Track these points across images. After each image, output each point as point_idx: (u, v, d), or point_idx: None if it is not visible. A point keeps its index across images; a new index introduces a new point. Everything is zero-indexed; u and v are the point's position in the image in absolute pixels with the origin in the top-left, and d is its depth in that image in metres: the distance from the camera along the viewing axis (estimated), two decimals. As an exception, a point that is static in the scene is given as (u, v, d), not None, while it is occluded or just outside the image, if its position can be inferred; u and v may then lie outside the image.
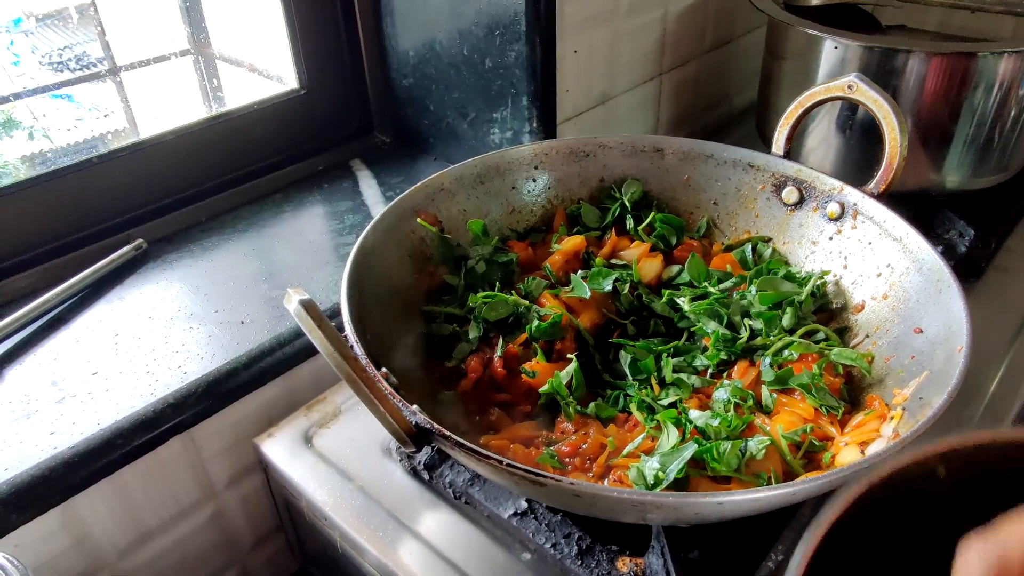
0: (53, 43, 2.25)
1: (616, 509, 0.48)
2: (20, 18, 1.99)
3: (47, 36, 2.17)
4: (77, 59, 2.28)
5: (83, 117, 2.42)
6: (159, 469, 0.74)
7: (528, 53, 0.92)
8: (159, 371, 0.75)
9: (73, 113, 2.43)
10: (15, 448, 0.67)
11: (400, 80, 1.10)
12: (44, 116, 2.23)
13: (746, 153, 0.79)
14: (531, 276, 0.74)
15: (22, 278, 0.87)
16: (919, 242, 0.65)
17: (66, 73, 2.25)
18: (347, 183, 1.08)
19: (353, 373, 0.44)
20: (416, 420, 0.48)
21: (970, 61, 0.88)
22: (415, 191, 0.75)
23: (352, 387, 0.45)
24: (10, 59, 2.19)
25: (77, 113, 2.44)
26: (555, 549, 0.61)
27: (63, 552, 0.70)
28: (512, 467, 0.45)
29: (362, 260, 0.65)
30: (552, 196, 0.83)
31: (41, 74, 2.22)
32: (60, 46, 2.25)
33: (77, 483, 0.68)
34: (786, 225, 0.78)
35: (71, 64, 2.31)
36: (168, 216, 0.99)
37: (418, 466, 0.69)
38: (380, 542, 0.65)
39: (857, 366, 0.63)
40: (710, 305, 0.69)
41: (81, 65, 2.28)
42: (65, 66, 2.34)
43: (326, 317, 0.46)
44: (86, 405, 0.71)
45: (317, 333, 0.44)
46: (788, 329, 0.67)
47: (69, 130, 2.24)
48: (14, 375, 0.75)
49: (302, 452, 0.74)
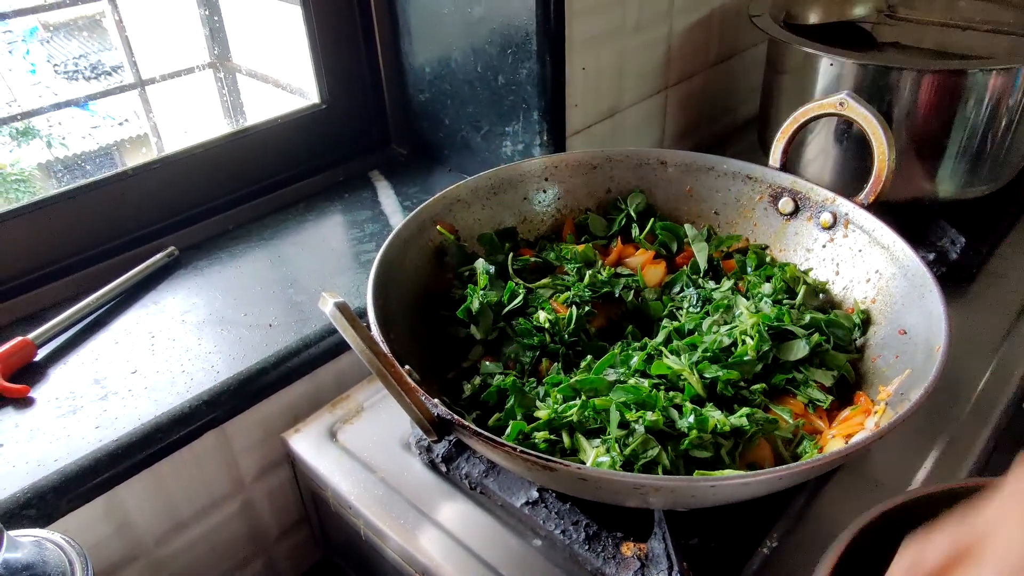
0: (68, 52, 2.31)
1: (620, 492, 0.52)
2: (36, 27, 2.06)
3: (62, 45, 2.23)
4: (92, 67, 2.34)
5: (98, 125, 2.48)
6: (194, 462, 0.79)
7: (539, 70, 0.97)
8: (193, 370, 0.80)
9: (88, 121, 2.49)
10: (63, 441, 0.72)
11: (417, 95, 1.16)
12: (59, 124, 2.29)
13: (744, 165, 0.84)
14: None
15: (64, 284, 0.92)
16: (905, 249, 0.69)
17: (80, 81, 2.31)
18: (366, 193, 1.13)
19: (384, 368, 0.49)
20: (438, 412, 0.53)
21: (960, 78, 0.93)
22: (433, 202, 0.80)
23: (382, 381, 0.50)
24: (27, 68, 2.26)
25: (92, 121, 2.50)
26: (564, 535, 0.65)
27: (106, 538, 0.75)
28: (525, 453, 0.49)
29: (386, 266, 0.70)
30: (561, 206, 0.88)
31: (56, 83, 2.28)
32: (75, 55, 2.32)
33: (120, 474, 0.73)
34: (782, 234, 0.82)
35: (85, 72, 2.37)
36: (198, 225, 1.04)
37: (436, 459, 0.74)
38: (401, 529, 0.70)
39: (841, 371, 0.68)
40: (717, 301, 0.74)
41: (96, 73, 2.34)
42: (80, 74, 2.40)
43: (357, 318, 0.51)
44: (127, 401, 0.77)
45: (351, 332, 0.49)
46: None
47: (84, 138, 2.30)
48: (59, 374, 0.81)
49: (327, 446, 0.79)
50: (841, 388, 0.69)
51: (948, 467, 0.73)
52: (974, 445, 0.75)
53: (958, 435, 0.76)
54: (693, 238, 0.82)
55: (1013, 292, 0.95)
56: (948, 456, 0.74)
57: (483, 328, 0.72)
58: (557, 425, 0.59)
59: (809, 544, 0.66)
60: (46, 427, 0.74)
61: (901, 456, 0.74)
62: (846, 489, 0.71)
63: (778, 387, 0.66)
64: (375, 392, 0.85)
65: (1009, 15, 1.10)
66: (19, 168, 2.20)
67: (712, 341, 0.67)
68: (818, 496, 0.70)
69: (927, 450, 0.74)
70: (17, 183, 2.17)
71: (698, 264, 0.80)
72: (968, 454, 0.75)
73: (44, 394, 0.78)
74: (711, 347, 0.66)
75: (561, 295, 0.75)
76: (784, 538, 0.66)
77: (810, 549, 0.65)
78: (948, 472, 0.72)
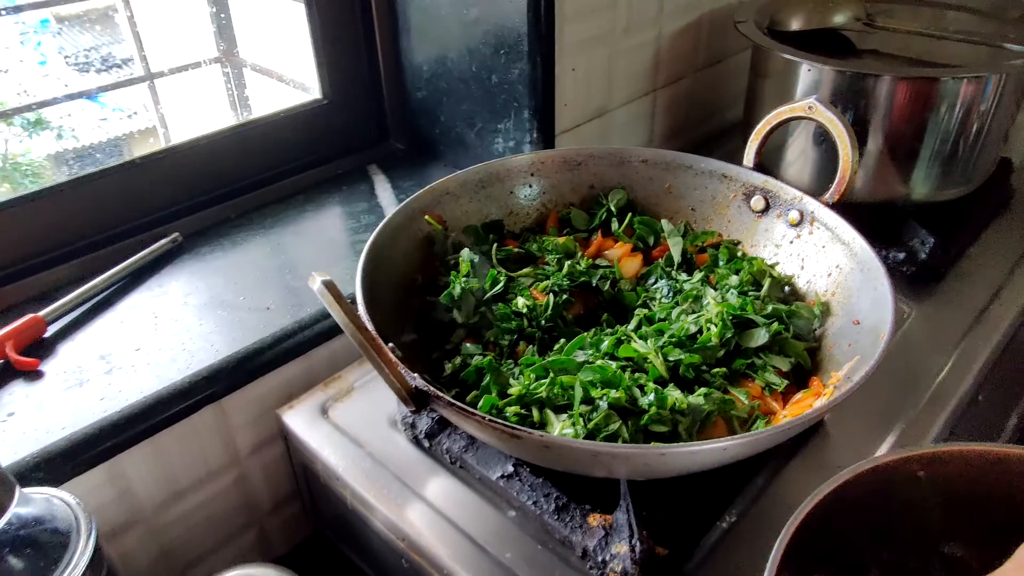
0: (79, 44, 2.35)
1: (580, 460, 0.57)
2: (47, 19, 2.11)
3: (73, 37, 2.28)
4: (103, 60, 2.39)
5: (107, 117, 2.53)
6: (193, 434, 0.84)
7: (529, 71, 1.02)
8: (194, 348, 0.85)
9: (97, 113, 2.54)
10: (70, 411, 0.77)
11: (415, 92, 1.20)
12: (69, 116, 2.34)
13: (720, 165, 0.88)
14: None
15: (72, 266, 0.97)
16: (863, 245, 0.73)
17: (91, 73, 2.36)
18: (364, 186, 1.18)
19: (365, 341, 0.54)
20: (416, 384, 0.57)
21: (933, 85, 0.97)
22: (423, 193, 0.85)
23: (364, 353, 0.54)
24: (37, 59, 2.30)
25: (101, 113, 2.55)
26: (535, 506, 0.70)
27: (108, 503, 0.80)
28: (493, 422, 0.54)
29: (375, 252, 0.75)
30: (546, 200, 0.93)
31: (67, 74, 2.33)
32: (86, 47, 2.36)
33: (123, 443, 0.78)
34: (754, 230, 0.86)
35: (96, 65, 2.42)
36: (202, 213, 1.09)
37: (420, 435, 0.78)
38: (386, 499, 0.74)
39: (798, 358, 0.72)
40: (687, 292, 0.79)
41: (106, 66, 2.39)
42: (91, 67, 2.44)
43: (343, 295, 0.55)
44: (130, 376, 0.81)
45: (336, 308, 0.54)
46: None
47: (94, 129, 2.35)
48: (67, 349, 0.86)
49: (319, 422, 0.84)
50: (800, 375, 0.74)
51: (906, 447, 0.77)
52: (929, 432, 0.79)
53: (914, 422, 0.80)
54: (669, 233, 0.86)
55: (979, 292, 0.99)
56: (903, 441, 0.78)
57: (465, 313, 0.76)
58: (528, 401, 0.64)
59: (766, 520, 0.70)
60: (54, 398, 0.79)
61: (860, 440, 0.78)
62: (805, 471, 0.75)
63: (738, 371, 0.70)
64: (365, 373, 0.89)
65: (983, 25, 1.14)
66: (29, 159, 2.25)
67: (679, 328, 0.71)
68: (777, 477, 0.74)
69: (884, 435, 0.79)
70: (28, 174, 2.22)
71: (672, 257, 0.84)
72: (925, 436, 0.79)
73: (53, 368, 0.83)
74: (677, 333, 0.70)
75: (541, 283, 0.79)
76: (743, 514, 0.71)
77: (767, 524, 0.69)
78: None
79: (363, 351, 0.54)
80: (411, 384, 0.57)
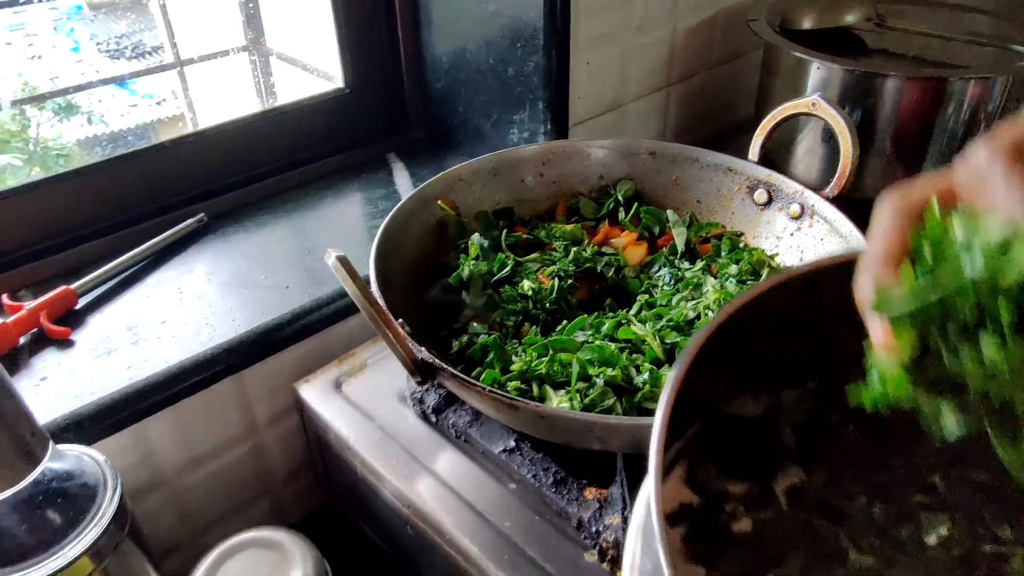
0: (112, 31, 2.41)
1: (573, 431, 0.60)
2: (80, 6, 2.16)
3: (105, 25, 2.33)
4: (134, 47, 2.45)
5: (137, 104, 2.59)
6: (213, 404, 0.88)
7: (545, 64, 1.05)
8: (216, 323, 0.89)
9: (127, 100, 2.60)
10: (99, 378, 0.82)
11: (434, 83, 1.24)
12: (100, 102, 2.40)
13: (725, 158, 0.91)
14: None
15: (104, 242, 1.02)
16: (859, 239, 0.76)
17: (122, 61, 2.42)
18: (383, 174, 1.21)
19: (375, 314, 0.57)
20: (422, 356, 0.61)
21: (940, 85, 0.98)
22: (437, 180, 0.88)
23: (374, 325, 0.58)
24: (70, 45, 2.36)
25: (131, 100, 2.60)
26: (535, 480, 0.73)
27: (132, 466, 0.84)
28: (493, 392, 0.57)
29: (389, 234, 0.78)
30: (556, 190, 0.96)
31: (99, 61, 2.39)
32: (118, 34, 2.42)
33: (147, 409, 0.82)
34: (757, 222, 0.89)
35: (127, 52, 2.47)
36: (227, 195, 1.13)
37: (427, 410, 0.82)
38: (393, 469, 0.78)
39: None
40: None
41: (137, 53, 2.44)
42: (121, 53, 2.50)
43: (355, 270, 0.59)
44: (155, 347, 0.86)
45: (348, 281, 0.57)
46: None
47: (123, 116, 2.40)
48: (97, 320, 0.90)
49: (333, 396, 0.88)
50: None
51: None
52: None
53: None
54: (674, 223, 0.89)
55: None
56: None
57: (473, 294, 0.80)
58: (529, 377, 0.67)
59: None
60: (84, 365, 0.83)
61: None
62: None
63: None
64: (378, 351, 0.93)
65: (994, 27, 1.15)
66: (60, 143, 2.32)
67: (678, 313, 0.74)
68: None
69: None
70: (58, 157, 2.29)
71: (676, 246, 0.87)
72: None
73: (83, 337, 0.88)
74: (675, 318, 0.73)
75: (547, 268, 0.82)
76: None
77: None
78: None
79: (373, 323, 0.58)
80: (417, 356, 0.61)
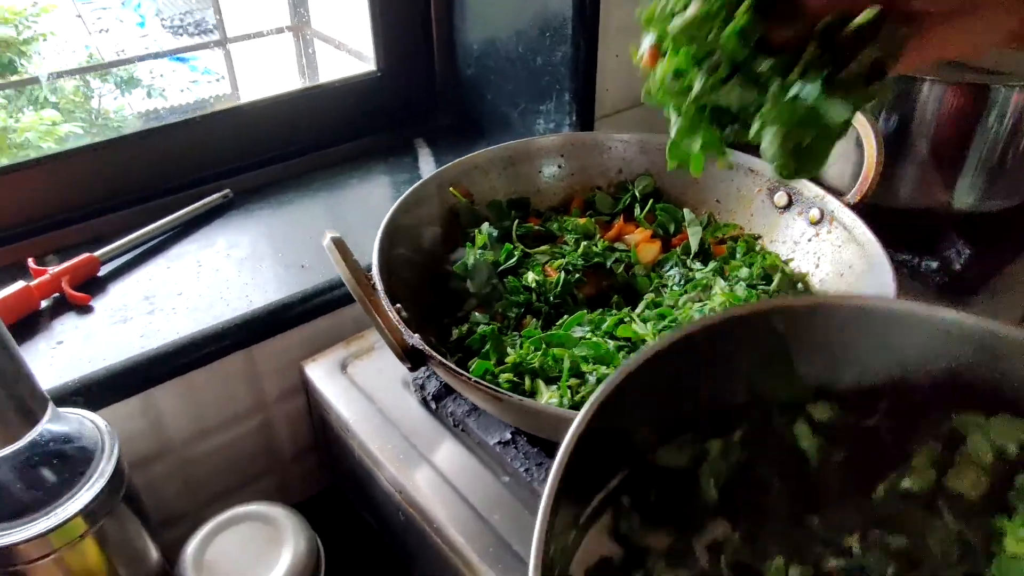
0: (175, 7, 2.47)
1: (555, 426, 0.59)
2: (147, -18, 2.20)
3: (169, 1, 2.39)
4: (196, 24, 2.50)
5: (197, 80, 2.65)
6: (223, 377, 0.90)
7: (572, 54, 1.03)
8: (230, 297, 0.91)
9: (188, 76, 2.66)
10: (113, 344, 0.84)
11: (464, 69, 1.23)
12: (161, 77, 2.46)
13: (747, 158, 0.89)
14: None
15: (130, 213, 1.04)
16: (876, 249, 0.73)
17: (185, 38, 2.47)
18: (408, 159, 1.22)
19: (364, 296, 0.57)
20: (412, 342, 0.61)
21: (983, 92, 0.94)
22: (452, 166, 0.88)
23: (363, 308, 0.58)
24: (136, 20, 2.43)
25: (191, 76, 2.67)
26: (527, 474, 0.73)
27: (141, 432, 0.86)
28: (479, 383, 0.57)
29: (398, 218, 0.78)
30: (574, 182, 0.95)
31: (164, 37, 2.45)
32: (182, 11, 2.47)
33: (157, 377, 0.84)
34: (775, 226, 0.87)
35: (190, 29, 2.53)
36: (254, 172, 1.14)
37: (428, 397, 0.82)
38: (389, 453, 0.78)
39: None
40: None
41: (200, 30, 2.50)
42: (185, 30, 2.56)
43: (350, 251, 0.59)
44: (170, 317, 0.88)
45: (340, 262, 0.58)
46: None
47: (183, 91, 2.46)
48: (117, 289, 0.92)
49: (338, 376, 0.89)
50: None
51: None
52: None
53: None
54: (689, 222, 0.87)
55: (1013, 312, 0.96)
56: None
57: (477, 283, 0.80)
58: (522, 370, 0.67)
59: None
60: (100, 331, 0.86)
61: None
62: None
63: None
64: (386, 333, 0.93)
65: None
66: (121, 115, 2.39)
67: (682, 313, 0.73)
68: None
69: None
70: (118, 128, 2.36)
71: (689, 246, 0.85)
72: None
73: (102, 304, 0.90)
74: (679, 319, 0.72)
75: (555, 261, 0.82)
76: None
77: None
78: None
79: (362, 306, 0.58)
80: (408, 342, 0.60)
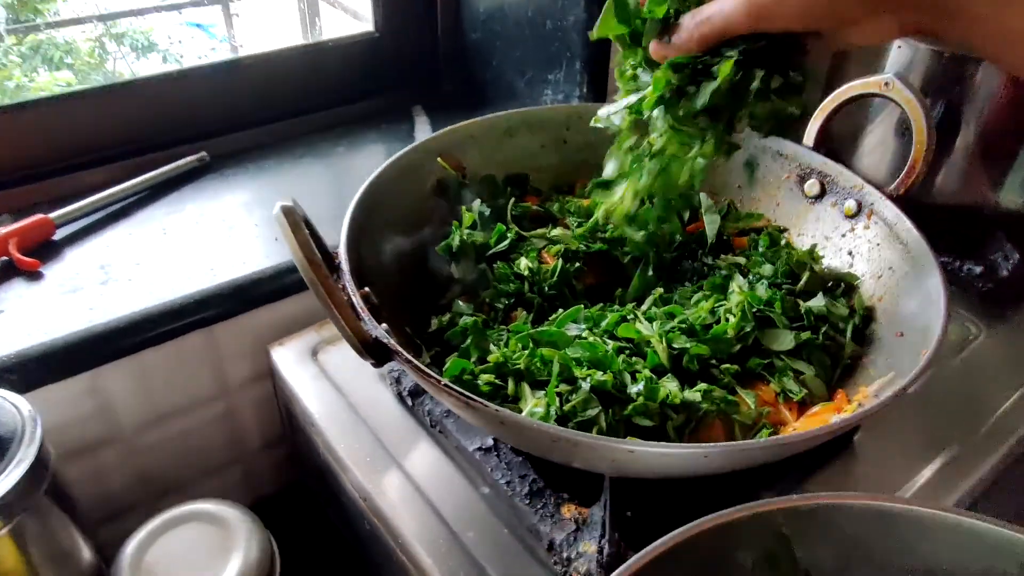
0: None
1: (538, 442, 0.50)
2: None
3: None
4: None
5: (216, 48, 2.56)
6: (180, 358, 0.81)
7: (585, 19, 0.93)
8: (192, 270, 0.82)
9: (207, 43, 2.57)
10: (58, 316, 0.75)
11: (470, 33, 1.13)
12: (180, 43, 2.37)
13: (776, 140, 0.78)
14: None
15: (96, 172, 0.95)
16: (924, 249, 0.63)
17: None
18: (404, 127, 1.12)
19: (315, 278, 0.48)
20: (376, 334, 0.51)
21: (1046, 78, 0.84)
22: (444, 134, 0.78)
23: (313, 290, 0.49)
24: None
25: (210, 43, 2.57)
26: (508, 487, 0.64)
27: (85, 417, 0.78)
28: (448, 387, 0.48)
29: (375, 191, 0.69)
30: (580, 160, 0.85)
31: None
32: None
33: (104, 355, 0.76)
34: (804, 217, 0.77)
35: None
36: (236, 134, 1.05)
37: (403, 392, 0.73)
38: (356, 454, 0.70)
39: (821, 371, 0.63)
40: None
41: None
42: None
43: (302, 224, 0.50)
44: (124, 290, 0.79)
45: (289, 235, 0.48)
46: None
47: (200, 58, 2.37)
48: (71, 255, 0.84)
49: (307, 363, 0.80)
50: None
51: (942, 486, 0.68)
52: (976, 469, 0.69)
53: (960, 458, 0.70)
54: (706, 209, 0.77)
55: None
56: (945, 473, 0.69)
57: (462, 268, 0.70)
58: (505, 371, 0.57)
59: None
60: (47, 301, 0.77)
61: (890, 469, 0.69)
62: (827, 490, 0.66)
63: (753, 371, 0.62)
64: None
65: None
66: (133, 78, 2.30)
67: (694, 314, 0.63)
68: (785, 495, 0.66)
69: (921, 467, 0.69)
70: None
71: (705, 236, 0.75)
72: (967, 477, 0.69)
73: (53, 272, 0.81)
74: (691, 319, 0.62)
75: (554, 247, 0.72)
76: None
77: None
78: (941, 490, 0.67)
79: (312, 288, 0.48)
80: (370, 334, 0.51)
